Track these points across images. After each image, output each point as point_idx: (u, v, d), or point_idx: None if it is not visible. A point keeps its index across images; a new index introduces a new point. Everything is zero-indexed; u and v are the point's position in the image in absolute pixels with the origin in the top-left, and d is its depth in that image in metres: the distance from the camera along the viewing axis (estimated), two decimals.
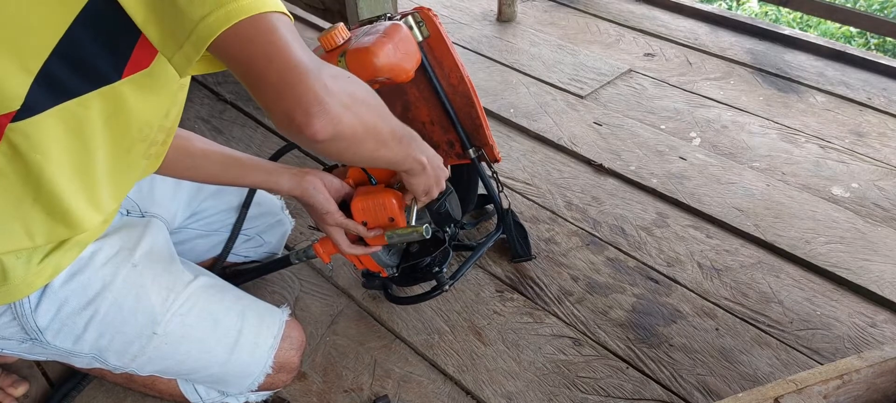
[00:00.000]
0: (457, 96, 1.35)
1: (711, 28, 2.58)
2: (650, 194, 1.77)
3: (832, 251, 1.58)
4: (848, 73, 2.28)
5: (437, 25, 1.25)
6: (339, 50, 1.11)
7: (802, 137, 1.98)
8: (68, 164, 0.85)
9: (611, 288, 1.51)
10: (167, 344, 1.06)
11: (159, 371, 1.12)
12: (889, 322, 1.42)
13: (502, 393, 1.29)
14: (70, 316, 0.99)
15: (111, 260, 1.02)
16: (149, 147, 0.96)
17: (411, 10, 1.24)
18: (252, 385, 1.17)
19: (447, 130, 1.39)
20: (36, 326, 0.98)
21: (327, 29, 1.14)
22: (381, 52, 1.09)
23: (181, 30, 0.71)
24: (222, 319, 1.11)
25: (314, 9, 2.26)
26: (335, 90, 0.75)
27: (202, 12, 0.70)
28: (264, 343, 1.15)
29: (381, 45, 1.10)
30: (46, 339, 0.99)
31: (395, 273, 1.33)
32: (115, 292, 1.01)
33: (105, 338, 1.02)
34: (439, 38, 1.26)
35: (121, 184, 0.97)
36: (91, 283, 0.99)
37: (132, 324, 1.03)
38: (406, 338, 1.40)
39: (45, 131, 0.80)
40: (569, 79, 2.27)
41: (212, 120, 2.11)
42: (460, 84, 1.33)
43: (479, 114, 1.37)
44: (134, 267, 1.03)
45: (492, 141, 1.41)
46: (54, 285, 0.97)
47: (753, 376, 1.32)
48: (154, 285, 1.05)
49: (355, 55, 1.09)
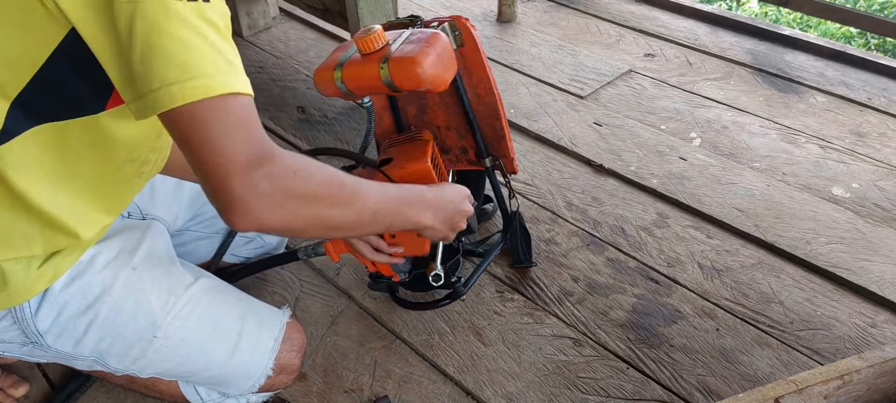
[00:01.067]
0: (482, 106, 1.35)
1: (711, 28, 2.58)
2: (650, 194, 1.77)
3: (833, 251, 1.58)
4: (848, 74, 2.28)
5: (474, 36, 1.25)
6: (378, 55, 1.11)
7: (803, 137, 1.98)
8: (50, 183, 0.85)
9: (611, 288, 1.51)
10: (168, 347, 1.06)
11: (160, 373, 1.12)
12: (889, 322, 1.42)
13: (503, 394, 1.29)
14: (70, 319, 0.99)
15: (111, 263, 1.02)
16: (140, 166, 0.96)
17: (447, 18, 1.24)
18: (253, 386, 1.17)
19: (463, 137, 1.39)
20: (36, 330, 0.98)
21: (363, 31, 1.13)
22: (426, 62, 1.10)
23: (135, 90, 0.71)
24: (223, 322, 1.11)
25: (314, 9, 2.26)
26: (265, 191, 0.74)
27: (154, 85, 0.69)
28: (265, 345, 1.15)
29: (426, 54, 1.11)
30: (47, 343, 0.99)
31: (406, 278, 1.33)
32: (114, 296, 1.01)
33: (105, 342, 1.02)
34: (474, 48, 1.26)
35: (114, 199, 0.97)
36: (91, 287, 0.99)
37: (132, 328, 1.03)
38: (406, 339, 1.40)
39: (24, 152, 0.81)
40: (569, 79, 2.27)
41: None
42: (488, 95, 1.33)
43: (502, 126, 1.37)
44: (134, 271, 1.03)
45: (512, 153, 1.41)
46: (54, 289, 0.97)
47: (754, 376, 1.32)
48: (154, 288, 1.04)
49: (400, 64, 1.09)
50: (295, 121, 2.10)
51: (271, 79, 2.31)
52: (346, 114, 2.13)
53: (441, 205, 1.05)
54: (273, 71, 2.36)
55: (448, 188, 1.09)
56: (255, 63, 2.40)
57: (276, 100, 2.20)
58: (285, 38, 2.57)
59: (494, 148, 1.40)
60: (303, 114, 2.14)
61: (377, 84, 1.13)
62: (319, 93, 2.22)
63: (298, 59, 2.43)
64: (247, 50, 2.48)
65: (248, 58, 2.43)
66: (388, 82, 1.11)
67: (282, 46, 2.51)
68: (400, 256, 1.18)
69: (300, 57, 2.44)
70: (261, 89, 2.26)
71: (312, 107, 2.17)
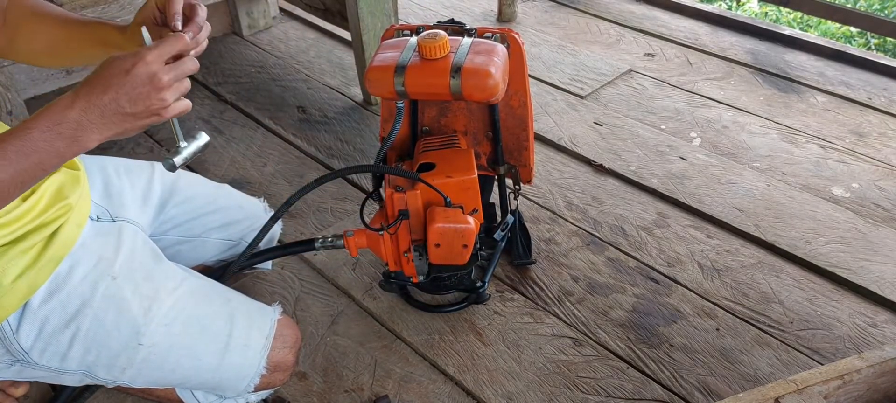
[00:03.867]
0: (511, 117, 1.35)
1: (712, 28, 2.58)
2: (650, 194, 1.77)
3: (833, 251, 1.58)
4: (848, 73, 2.28)
5: (522, 51, 1.26)
6: (443, 63, 1.14)
7: (803, 137, 1.98)
8: None
9: (611, 288, 1.51)
10: (155, 355, 1.04)
11: (152, 383, 1.10)
12: (889, 322, 1.42)
13: (503, 393, 1.29)
14: (53, 334, 0.98)
15: (89, 274, 1.00)
16: None
17: (497, 29, 1.25)
18: (248, 386, 1.16)
19: (479, 143, 1.39)
20: (20, 347, 0.97)
21: (428, 36, 1.15)
22: (499, 75, 1.13)
23: None
24: (210, 324, 1.09)
25: (314, 9, 2.26)
26: None
27: None
28: (256, 344, 1.13)
29: (495, 66, 1.14)
30: (33, 359, 0.98)
31: (423, 279, 1.33)
32: (94, 308, 0.99)
33: (91, 354, 1.01)
34: (519, 62, 1.27)
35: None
36: (70, 301, 0.98)
37: (116, 338, 1.01)
38: (406, 338, 1.40)
39: None
40: (569, 79, 2.27)
41: (212, 120, 2.11)
42: (520, 108, 1.34)
43: (528, 137, 1.37)
44: (114, 280, 1.01)
45: (531, 164, 1.42)
46: (33, 304, 0.96)
47: (754, 376, 1.32)
48: (135, 296, 1.02)
49: (474, 75, 1.12)
50: (295, 121, 2.10)
51: (271, 79, 2.31)
52: (345, 113, 2.13)
53: (108, 108, 0.81)
54: (273, 70, 2.36)
55: (103, 72, 0.82)
56: (255, 63, 2.40)
57: (276, 100, 2.20)
58: (285, 37, 2.57)
59: (514, 157, 1.41)
60: (303, 114, 2.14)
61: (443, 92, 1.15)
62: (320, 93, 2.23)
63: (298, 59, 2.43)
64: (247, 50, 2.48)
65: (248, 57, 2.43)
66: (456, 92, 1.13)
67: (282, 46, 2.51)
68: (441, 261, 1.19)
69: (300, 57, 2.44)
70: (261, 89, 2.26)
71: (312, 107, 2.17)
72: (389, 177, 1.26)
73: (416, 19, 2.69)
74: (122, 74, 0.80)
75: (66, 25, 1.04)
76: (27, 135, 0.78)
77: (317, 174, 1.89)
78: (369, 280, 1.53)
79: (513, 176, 1.45)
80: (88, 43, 1.03)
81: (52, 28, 1.04)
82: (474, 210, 1.25)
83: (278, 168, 1.91)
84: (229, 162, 1.94)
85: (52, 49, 1.06)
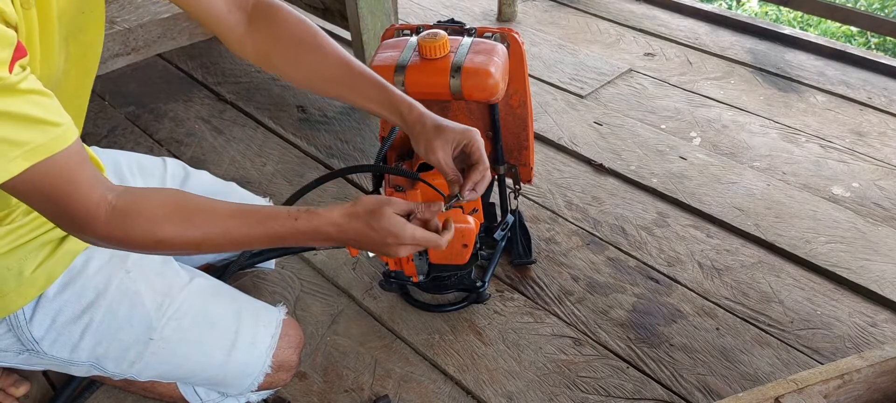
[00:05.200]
0: (511, 117, 1.35)
1: (712, 28, 2.57)
2: (650, 194, 1.77)
3: (833, 251, 1.58)
4: (848, 73, 2.28)
5: (522, 51, 1.26)
6: (442, 62, 1.13)
7: (803, 137, 1.98)
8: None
9: (611, 287, 1.51)
10: (164, 349, 1.06)
11: (158, 376, 1.11)
12: (889, 321, 1.42)
13: (503, 393, 1.29)
14: (65, 325, 0.99)
15: (103, 267, 1.02)
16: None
17: (497, 29, 1.25)
18: (252, 384, 1.17)
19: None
20: (32, 337, 0.98)
21: (428, 35, 1.15)
22: (499, 74, 1.14)
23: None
24: (219, 321, 1.11)
25: (314, 9, 2.26)
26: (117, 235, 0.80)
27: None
28: (262, 343, 1.15)
29: (495, 65, 1.14)
30: (43, 349, 1.00)
31: (424, 279, 1.33)
32: (108, 299, 1.01)
33: (102, 346, 1.02)
34: (519, 62, 1.27)
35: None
36: (84, 292, 1.00)
37: (128, 331, 1.02)
38: (406, 338, 1.40)
39: None
40: (569, 78, 2.27)
41: (212, 120, 2.11)
42: (520, 107, 1.34)
43: (528, 137, 1.37)
44: (127, 274, 1.03)
45: (532, 163, 1.42)
46: (48, 295, 0.97)
47: (754, 376, 1.32)
48: (148, 290, 1.04)
49: (474, 75, 1.12)
50: (295, 121, 2.10)
51: (271, 79, 2.31)
52: (345, 113, 2.13)
53: (351, 242, 0.90)
54: None
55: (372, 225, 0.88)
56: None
57: (276, 100, 2.20)
58: None
59: (514, 156, 1.41)
60: (303, 114, 2.14)
61: (443, 91, 1.16)
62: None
63: None
64: None
65: None
66: (456, 91, 1.13)
67: None
68: (443, 260, 1.18)
69: None
70: (261, 88, 2.26)
71: (312, 107, 2.17)
72: (389, 177, 1.26)
73: (416, 19, 2.69)
74: (382, 239, 0.88)
75: (345, 66, 1.02)
76: (290, 224, 0.86)
77: (317, 174, 1.89)
78: (369, 279, 1.54)
79: (513, 175, 1.45)
80: (376, 104, 1.02)
81: (326, 64, 1.02)
82: (474, 209, 1.25)
83: (278, 167, 1.91)
84: (229, 161, 1.94)
85: (327, 86, 1.05)
